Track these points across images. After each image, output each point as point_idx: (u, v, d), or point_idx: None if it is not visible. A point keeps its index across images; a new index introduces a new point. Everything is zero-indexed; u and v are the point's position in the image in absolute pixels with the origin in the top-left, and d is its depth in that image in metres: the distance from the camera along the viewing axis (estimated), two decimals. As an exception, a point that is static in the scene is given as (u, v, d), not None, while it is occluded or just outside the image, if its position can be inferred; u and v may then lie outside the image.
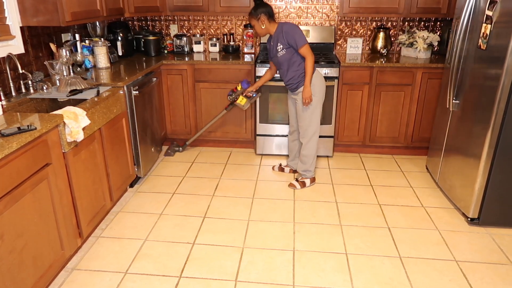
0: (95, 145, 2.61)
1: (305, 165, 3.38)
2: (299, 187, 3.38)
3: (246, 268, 2.43)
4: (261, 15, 3.07)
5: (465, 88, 2.96)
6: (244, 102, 3.55)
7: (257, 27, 3.14)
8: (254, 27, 3.16)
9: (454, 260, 2.50)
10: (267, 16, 3.08)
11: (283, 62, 3.15)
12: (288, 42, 3.05)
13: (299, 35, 3.02)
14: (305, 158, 3.36)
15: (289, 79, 3.20)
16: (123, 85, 3.00)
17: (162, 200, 3.19)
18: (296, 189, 3.38)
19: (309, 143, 3.31)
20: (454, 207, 3.11)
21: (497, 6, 2.55)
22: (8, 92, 2.67)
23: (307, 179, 3.40)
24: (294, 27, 3.05)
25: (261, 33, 3.17)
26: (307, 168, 3.38)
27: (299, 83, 3.17)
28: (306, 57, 3.06)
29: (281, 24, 3.11)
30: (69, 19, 2.77)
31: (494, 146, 2.64)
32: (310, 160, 3.36)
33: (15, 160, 1.84)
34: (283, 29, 3.06)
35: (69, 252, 2.36)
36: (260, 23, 3.10)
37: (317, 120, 3.26)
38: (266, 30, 3.14)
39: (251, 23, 3.16)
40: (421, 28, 4.22)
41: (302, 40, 3.02)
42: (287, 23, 3.09)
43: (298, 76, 3.15)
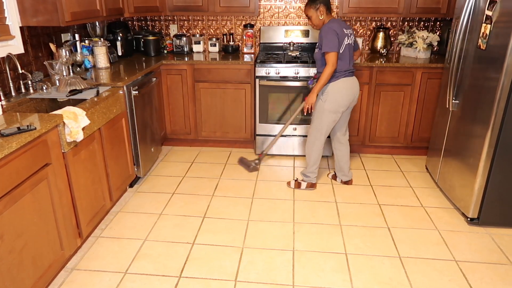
0: (95, 145, 2.61)
1: (305, 170, 3.35)
2: (293, 186, 3.37)
3: (245, 268, 2.43)
4: (320, 5, 2.93)
5: (464, 88, 2.96)
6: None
7: (315, 18, 2.98)
8: (311, 18, 3.00)
9: (454, 260, 2.50)
10: (325, 7, 2.95)
11: (316, 60, 3.10)
12: (320, 41, 2.96)
13: (329, 39, 2.88)
14: (306, 161, 3.33)
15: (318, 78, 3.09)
16: (123, 85, 3.00)
17: (162, 200, 3.19)
18: (289, 187, 3.37)
19: (311, 149, 3.24)
20: (453, 207, 3.11)
21: (496, 6, 2.55)
22: (7, 92, 2.67)
23: (304, 182, 3.37)
24: (328, 30, 2.90)
25: (318, 24, 3.01)
26: (305, 172, 3.36)
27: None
28: (327, 63, 2.92)
29: (330, 20, 2.97)
30: (69, 19, 2.77)
31: (493, 146, 2.65)
32: (310, 166, 3.30)
33: (14, 160, 1.84)
34: (322, 28, 2.96)
35: (69, 252, 2.36)
36: (319, 13, 2.95)
37: (320, 129, 3.13)
38: (323, 22, 2.99)
39: (308, 13, 3.00)
40: (421, 28, 4.22)
41: (328, 47, 2.88)
42: (331, 23, 2.94)
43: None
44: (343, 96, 3.04)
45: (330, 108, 3.05)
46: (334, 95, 3.02)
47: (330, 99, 3.03)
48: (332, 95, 3.02)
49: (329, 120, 3.10)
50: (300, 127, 3.90)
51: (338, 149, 3.38)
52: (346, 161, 3.40)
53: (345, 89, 3.03)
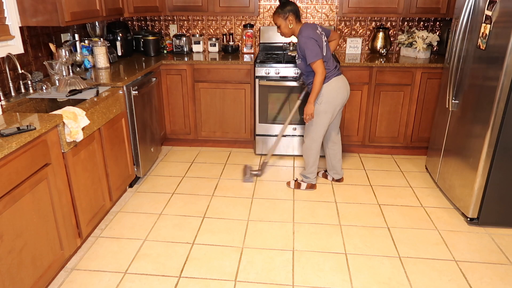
0: (95, 145, 2.61)
1: (304, 171, 3.35)
2: (293, 187, 3.38)
3: (245, 268, 2.43)
4: (289, 14, 2.92)
5: (464, 88, 2.97)
6: None
7: (284, 27, 2.97)
8: (280, 27, 2.98)
9: (454, 260, 2.50)
10: (295, 15, 2.94)
11: (301, 69, 3.09)
12: (301, 53, 2.94)
13: (310, 49, 2.84)
14: (305, 163, 3.32)
15: (308, 83, 3.12)
16: (123, 85, 3.00)
17: (162, 200, 3.19)
18: (289, 187, 3.37)
19: (309, 151, 3.24)
20: (453, 207, 3.11)
21: (496, 6, 2.55)
22: (7, 92, 2.67)
23: (304, 183, 3.37)
24: (306, 40, 2.86)
25: (287, 33, 3.00)
26: (304, 173, 3.35)
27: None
28: (315, 73, 2.90)
29: (301, 28, 2.95)
30: (69, 19, 2.77)
31: (493, 146, 2.65)
32: (308, 166, 3.30)
33: (14, 160, 1.84)
34: (298, 38, 2.94)
35: (69, 252, 2.36)
36: (288, 22, 2.94)
37: (318, 131, 3.13)
38: (292, 31, 2.99)
39: (277, 22, 2.98)
40: (421, 28, 4.22)
41: (312, 56, 2.85)
42: (304, 31, 2.90)
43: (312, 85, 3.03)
44: (337, 96, 3.05)
45: (326, 109, 3.05)
46: (328, 96, 3.02)
47: (325, 101, 3.03)
48: (326, 96, 3.02)
49: (325, 122, 3.10)
50: (300, 127, 3.90)
51: (331, 148, 3.39)
52: (339, 159, 3.42)
53: (339, 88, 3.04)
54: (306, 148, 3.25)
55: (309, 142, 3.22)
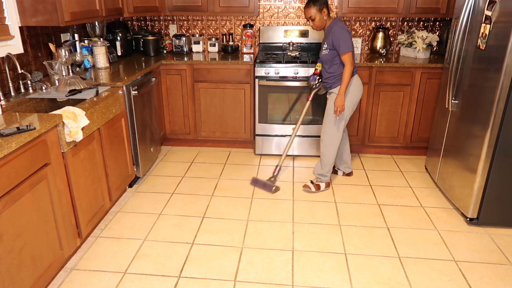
0: (94, 145, 2.61)
1: (321, 170, 3.32)
2: (314, 189, 3.30)
3: (245, 268, 2.43)
4: (324, 6, 2.95)
5: (464, 88, 2.97)
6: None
7: (319, 19, 2.98)
8: (315, 19, 2.98)
9: (453, 260, 2.51)
10: (327, 8, 2.98)
11: (325, 61, 3.12)
12: (333, 43, 2.97)
13: (345, 40, 2.92)
14: (322, 162, 3.30)
15: (326, 78, 3.17)
16: (122, 85, 3.00)
17: (161, 200, 3.19)
18: (310, 191, 3.31)
19: (329, 148, 3.23)
20: (453, 207, 3.11)
21: (496, 6, 2.55)
22: (7, 92, 2.67)
23: (323, 183, 3.35)
24: (342, 31, 2.94)
25: (320, 26, 3.03)
26: (323, 173, 3.32)
27: (333, 84, 3.12)
28: (345, 64, 2.97)
29: (334, 21, 3.01)
30: (68, 19, 2.77)
31: (493, 146, 2.65)
32: (327, 165, 3.29)
33: (14, 160, 1.84)
34: (333, 28, 2.97)
35: (68, 252, 2.36)
36: (323, 14, 2.97)
37: (339, 127, 3.17)
38: (325, 24, 3.03)
39: (310, 14, 2.97)
40: (420, 28, 4.22)
41: (346, 47, 2.93)
42: (339, 22, 2.99)
43: (334, 78, 3.10)
44: (359, 92, 3.16)
45: (349, 104, 3.13)
46: (354, 90, 3.11)
47: (349, 96, 3.10)
48: (352, 90, 3.10)
49: (348, 116, 3.20)
50: (300, 127, 3.89)
51: (343, 144, 3.45)
52: (349, 153, 3.55)
53: (360, 84, 3.17)
54: (327, 146, 3.24)
55: (329, 139, 3.22)
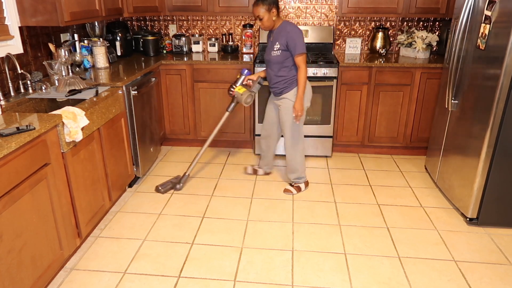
0: (94, 145, 2.61)
1: (296, 173, 3.32)
2: (295, 191, 3.32)
3: (245, 268, 2.43)
4: (273, 6, 2.89)
5: (464, 88, 2.97)
6: (243, 91, 3.19)
7: (267, 19, 2.91)
8: (263, 19, 2.91)
9: (453, 260, 2.51)
10: (277, 8, 2.93)
11: (274, 63, 3.01)
12: (287, 44, 2.90)
13: (301, 41, 2.89)
14: (293, 167, 3.29)
15: (275, 83, 3.07)
16: (122, 85, 3.00)
17: (161, 200, 3.19)
18: (293, 194, 3.31)
19: (296, 152, 3.23)
20: (453, 207, 3.11)
21: (496, 6, 2.55)
22: (7, 92, 2.67)
23: (302, 184, 3.37)
24: (299, 32, 2.91)
25: (269, 26, 2.97)
26: (298, 176, 3.33)
27: (284, 89, 3.04)
28: (300, 66, 2.92)
29: (285, 22, 2.97)
30: (68, 19, 2.77)
31: (493, 146, 2.65)
32: (300, 168, 3.30)
33: (14, 160, 1.84)
34: (286, 29, 2.91)
35: (68, 252, 2.36)
36: (272, 15, 2.91)
37: (300, 130, 3.18)
38: (273, 24, 2.97)
39: (259, 14, 2.89)
40: (420, 28, 4.22)
41: (302, 48, 2.89)
42: (292, 24, 2.96)
43: (285, 82, 3.02)
44: (310, 95, 3.14)
45: (304, 107, 3.07)
46: (307, 93, 3.09)
47: (306, 98, 3.07)
48: (307, 93, 3.07)
49: (303, 119, 3.15)
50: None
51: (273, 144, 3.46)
52: (274, 154, 3.55)
53: (310, 89, 3.14)
54: (294, 150, 3.23)
55: (295, 142, 3.20)
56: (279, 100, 3.12)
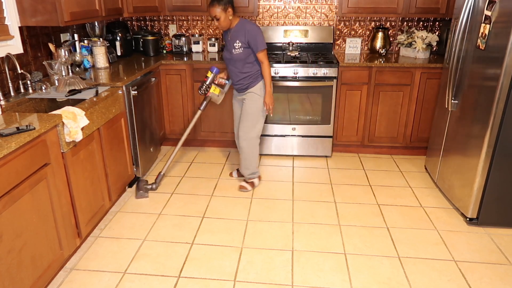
0: (94, 145, 2.61)
1: (250, 169, 3.34)
2: (250, 188, 3.35)
3: (245, 268, 2.43)
4: (228, 6, 2.89)
5: (464, 88, 2.97)
6: (218, 91, 3.26)
7: (224, 19, 2.91)
8: (220, 19, 2.90)
9: (453, 260, 2.51)
10: (233, 8, 2.94)
11: (237, 61, 3.05)
12: (248, 42, 2.95)
13: (262, 38, 2.95)
14: (249, 162, 3.31)
15: (240, 79, 3.11)
16: (122, 85, 3.00)
17: (161, 200, 3.19)
18: (247, 190, 3.34)
19: (254, 146, 3.26)
20: (452, 207, 3.11)
21: (495, 6, 2.55)
22: (7, 92, 2.67)
23: (255, 179, 3.40)
24: (258, 29, 2.96)
25: (226, 25, 2.97)
26: (253, 171, 3.36)
27: (250, 84, 3.10)
28: (263, 62, 3.00)
29: (243, 20, 3.01)
30: (68, 19, 2.77)
31: (493, 146, 2.65)
32: (255, 163, 3.33)
33: (14, 160, 1.84)
34: (245, 27, 2.95)
35: (68, 252, 2.36)
36: (228, 14, 2.91)
37: (260, 126, 3.23)
38: (230, 23, 2.98)
39: (215, 13, 2.88)
40: (420, 28, 4.22)
41: (263, 44, 2.96)
42: (249, 22, 3.00)
43: (250, 77, 3.08)
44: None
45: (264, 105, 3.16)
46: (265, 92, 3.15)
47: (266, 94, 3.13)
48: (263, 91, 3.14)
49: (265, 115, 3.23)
50: (299, 127, 3.90)
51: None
52: None
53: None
54: (252, 146, 3.26)
55: (254, 138, 3.24)
56: (244, 95, 3.17)
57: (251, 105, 3.14)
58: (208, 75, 3.26)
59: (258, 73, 3.09)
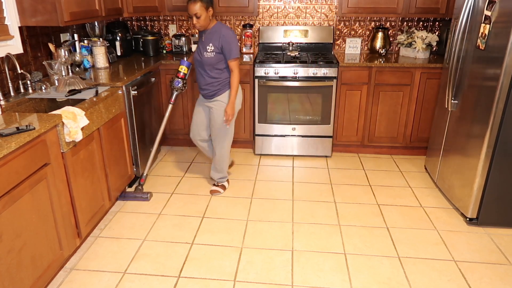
0: (94, 145, 2.61)
1: (221, 173, 3.32)
2: (222, 191, 3.33)
3: (244, 268, 2.43)
4: (210, 6, 2.81)
5: (463, 88, 2.97)
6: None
7: (204, 18, 2.79)
8: (200, 17, 2.78)
9: (453, 260, 2.51)
10: (213, 8, 2.86)
11: (206, 65, 2.93)
12: (222, 47, 2.85)
13: (236, 45, 2.86)
14: (220, 167, 3.28)
15: (207, 84, 2.99)
16: (122, 85, 3.00)
17: (161, 200, 3.19)
18: (220, 194, 3.31)
19: (226, 153, 3.23)
20: (452, 207, 3.11)
21: (495, 6, 2.56)
22: (6, 92, 2.67)
23: (225, 182, 3.39)
24: (234, 36, 2.87)
25: (204, 25, 2.85)
26: (224, 175, 3.35)
27: (217, 91, 2.99)
28: (233, 71, 2.91)
29: (220, 24, 2.91)
30: (68, 19, 2.77)
31: (492, 146, 2.65)
32: (225, 167, 3.32)
33: (13, 160, 1.84)
34: (221, 31, 2.85)
35: (68, 252, 2.36)
36: (209, 13, 2.81)
37: (231, 133, 3.17)
38: (208, 24, 2.87)
39: (197, 12, 2.75)
40: (420, 28, 4.22)
41: (237, 53, 2.86)
42: (226, 27, 2.91)
43: (218, 84, 2.97)
44: (241, 101, 3.16)
45: (236, 110, 3.07)
46: (239, 97, 3.08)
47: (237, 101, 3.06)
48: (238, 97, 3.06)
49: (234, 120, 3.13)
50: (299, 127, 3.90)
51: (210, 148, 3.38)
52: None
53: (241, 94, 3.14)
54: (225, 151, 3.22)
55: (225, 146, 3.20)
56: (211, 102, 3.06)
57: (219, 113, 3.03)
58: (184, 71, 3.17)
59: (226, 81, 2.98)
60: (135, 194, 3.21)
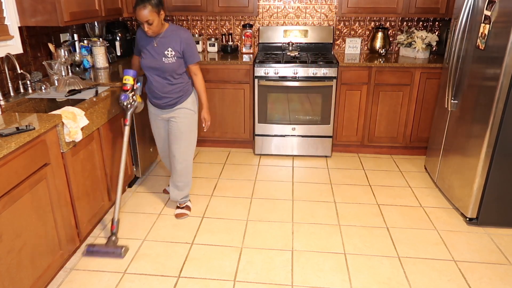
0: (94, 145, 2.61)
1: (185, 190, 2.99)
2: (189, 212, 3.01)
3: (244, 268, 2.43)
4: (162, 9, 2.52)
5: (463, 88, 2.97)
6: (140, 98, 2.75)
7: (157, 23, 2.50)
8: (153, 23, 2.48)
9: (453, 260, 2.51)
10: (165, 11, 2.59)
11: (167, 71, 2.62)
12: (183, 52, 2.61)
13: (196, 50, 2.67)
14: (183, 182, 2.94)
15: (167, 92, 2.68)
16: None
17: (161, 200, 3.19)
18: (188, 216, 2.98)
19: (188, 168, 2.91)
20: (452, 207, 3.11)
21: (495, 6, 2.56)
22: (6, 92, 2.67)
23: (189, 201, 3.10)
24: (192, 39, 2.65)
25: (158, 31, 2.56)
26: (186, 194, 3.02)
27: (180, 99, 2.71)
28: (197, 74, 2.72)
29: (173, 26, 2.64)
30: (68, 19, 2.77)
31: (492, 145, 2.65)
32: (190, 184, 3.00)
33: (13, 160, 1.84)
34: (180, 35, 2.59)
35: (68, 252, 2.36)
36: (161, 17, 2.53)
37: (195, 142, 2.90)
38: (161, 28, 2.59)
39: (149, 16, 2.45)
40: (420, 28, 4.22)
41: (198, 56, 2.68)
42: (182, 28, 2.66)
43: (180, 91, 2.70)
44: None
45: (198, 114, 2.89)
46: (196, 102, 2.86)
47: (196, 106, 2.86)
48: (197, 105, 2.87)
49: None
50: (299, 127, 3.90)
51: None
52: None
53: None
54: (189, 167, 2.92)
55: (191, 158, 2.91)
56: (172, 112, 2.75)
57: (185, 122, 2.76)
58: (130, 81, 2.63)
59: (188, 86, 2.74)
60: (106, 249, 2.54)
